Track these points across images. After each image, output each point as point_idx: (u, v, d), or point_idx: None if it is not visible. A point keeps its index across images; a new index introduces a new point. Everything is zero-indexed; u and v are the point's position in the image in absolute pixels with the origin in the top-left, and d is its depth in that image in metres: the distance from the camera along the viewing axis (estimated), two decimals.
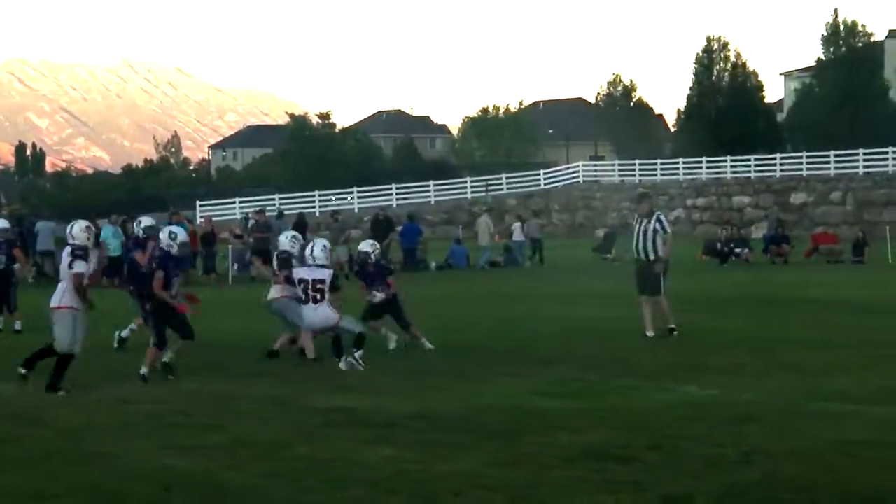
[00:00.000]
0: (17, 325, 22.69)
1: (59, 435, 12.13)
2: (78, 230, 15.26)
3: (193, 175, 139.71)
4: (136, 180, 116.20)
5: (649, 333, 19.90)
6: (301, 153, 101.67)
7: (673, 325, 19.90)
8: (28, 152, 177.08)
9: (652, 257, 20.01)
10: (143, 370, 15.61)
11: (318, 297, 17.18)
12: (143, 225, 20.19)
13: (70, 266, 14.87)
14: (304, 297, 17.21)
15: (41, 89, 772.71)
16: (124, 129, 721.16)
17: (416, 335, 18.88)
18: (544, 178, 79.15)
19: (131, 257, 19.83)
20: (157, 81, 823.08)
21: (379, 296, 18.65)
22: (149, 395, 14.49)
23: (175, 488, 9.68)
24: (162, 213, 45.84)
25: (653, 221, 20.11)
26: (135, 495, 9.53)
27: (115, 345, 19.11)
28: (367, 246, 19.36)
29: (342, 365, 16.70)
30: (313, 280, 17.26)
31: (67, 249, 15.14)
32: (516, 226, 46.32)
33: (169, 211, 40.05)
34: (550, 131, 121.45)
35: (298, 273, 17.49)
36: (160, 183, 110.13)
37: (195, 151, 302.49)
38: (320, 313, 17.13)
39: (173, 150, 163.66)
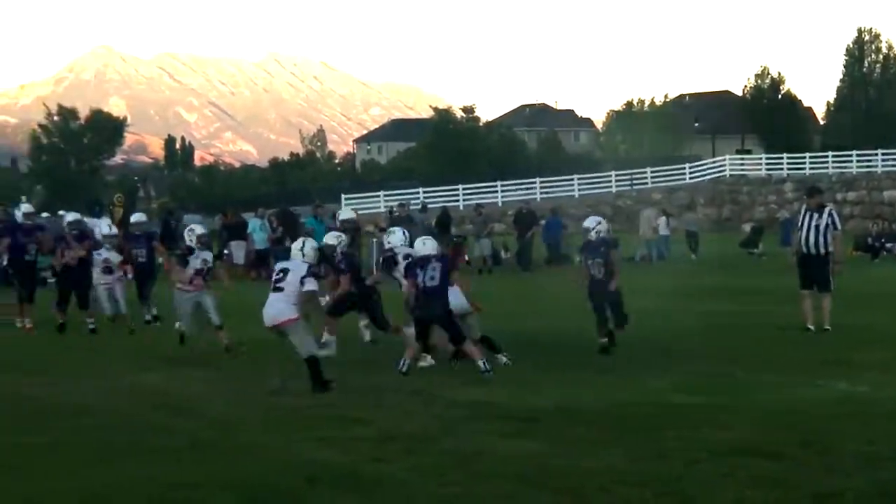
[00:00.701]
0: (148, 316, 23.19)
1: (209, 426, 12.31)
2: (310, 249, 15.49)
3: (338, 168, 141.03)
4: (283, 174, 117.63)
5: (810, 326, 19.65)
6: (445, 147, 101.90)
7: (828, 327, 19.56)
8: (177, 146, 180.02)
9: (822, 252, 19.75)
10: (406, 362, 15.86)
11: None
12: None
13: (302, 282, 15.01)
14: None
15: (190, 83, 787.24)
16: (271, 123, 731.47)
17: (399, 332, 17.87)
18: (689, 172, 78.29)
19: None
20: (303, 76, 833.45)
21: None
22: (297, 388, 14.61)
23: (320, 481, 9.75)
24: (305, 207, 46.32)
25: (825, 216, 19.84)
26: (279, 487, 9.61)
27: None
28: (332, 239, 18.33)
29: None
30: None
31: (304, 266, 15.22)
32: (661, 220, 45.91)
33: (313, 204, 40.40)
34: (696, 125, 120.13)
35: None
36: (306, 176, 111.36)
37: (340, 145, 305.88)
38: (458, 296, 16.83)
39: (319, 143, 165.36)
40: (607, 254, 18.03)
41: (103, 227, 23.99)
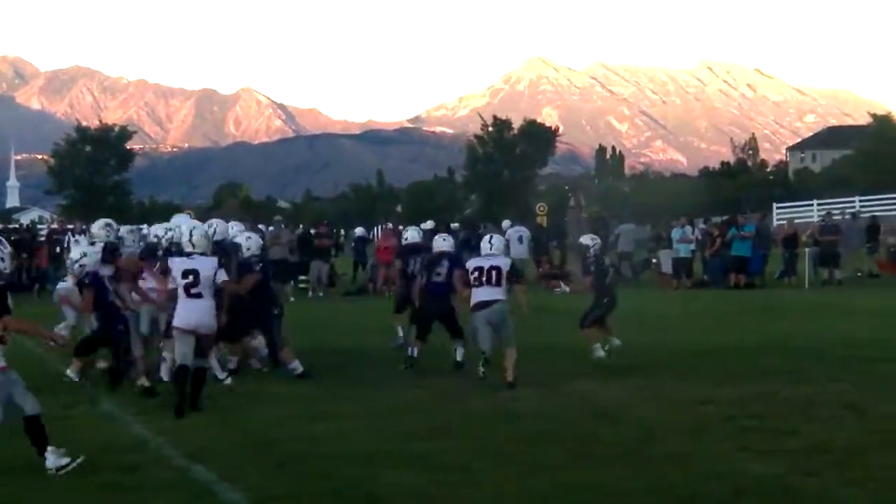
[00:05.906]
0: None
1: (635, 433, 12.32)
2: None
3: (770, 178, 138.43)
4: (713, 183, 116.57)
5: None
6: (884, 154, 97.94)
7: None
8: (608, 155, 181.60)
9: None
10: None
11: None
12: None
13: None
14: None
15: (622, 93, 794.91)
16: (702, 132, 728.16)
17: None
18: None
19: None
20: (736, 83, 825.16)
21: None
22: (723, 397, 14.46)
23: (747, 493, 9.59)
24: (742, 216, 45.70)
25: None
26: (707, 497, 9.51)
27: None
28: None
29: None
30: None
31: None
32: None
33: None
34: None
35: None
36: (736, 185, 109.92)
37: (772, 153, 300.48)
38: None
39: (750, 152, 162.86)
40: None
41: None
